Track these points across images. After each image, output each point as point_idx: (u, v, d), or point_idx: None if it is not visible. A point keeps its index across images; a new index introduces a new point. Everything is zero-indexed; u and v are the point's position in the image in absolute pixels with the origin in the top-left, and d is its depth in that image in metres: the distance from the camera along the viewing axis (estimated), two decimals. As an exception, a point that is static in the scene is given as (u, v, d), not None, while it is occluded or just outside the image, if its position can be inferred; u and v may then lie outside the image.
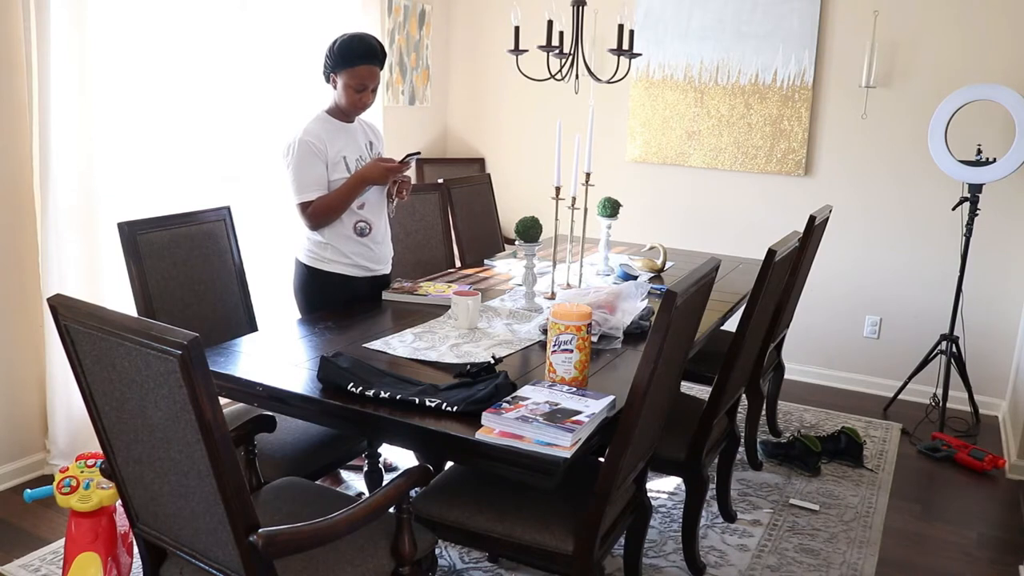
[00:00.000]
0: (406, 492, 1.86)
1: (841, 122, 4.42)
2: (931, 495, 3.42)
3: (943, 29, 4.12)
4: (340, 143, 2.79)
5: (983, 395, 4.24)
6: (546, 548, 2.02)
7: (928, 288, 4.34)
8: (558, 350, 2.09)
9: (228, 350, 2.35)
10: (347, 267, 2.87)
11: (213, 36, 3.63)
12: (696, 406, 2.85)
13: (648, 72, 4.77)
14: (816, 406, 4.29)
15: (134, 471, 1.71)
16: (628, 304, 2.62)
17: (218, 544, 1.62)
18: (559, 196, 2.93)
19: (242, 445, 2.15)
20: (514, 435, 1.81)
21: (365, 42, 2.72)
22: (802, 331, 4.51)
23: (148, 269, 2.52)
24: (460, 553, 2.78)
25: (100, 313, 1.57)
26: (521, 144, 5.24)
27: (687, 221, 4.82)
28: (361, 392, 2.00)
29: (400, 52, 4.88)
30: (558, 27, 3.33)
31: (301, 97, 3.94)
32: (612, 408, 1.99)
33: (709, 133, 4.68)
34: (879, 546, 2.96)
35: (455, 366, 2.25)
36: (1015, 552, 2.98)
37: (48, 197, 3.00)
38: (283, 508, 1.99)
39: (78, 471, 2.41)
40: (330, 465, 2.60)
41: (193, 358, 1.42)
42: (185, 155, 3.58)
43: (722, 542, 2.94)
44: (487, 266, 3.61)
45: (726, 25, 4.53)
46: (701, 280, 2.10)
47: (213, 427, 1.47)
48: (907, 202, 4.33)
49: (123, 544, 2.49)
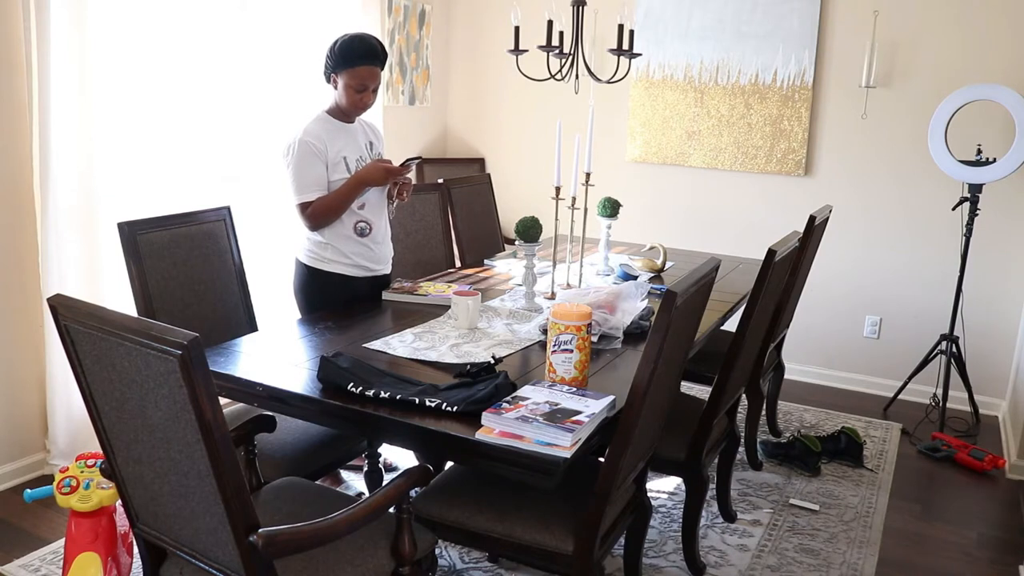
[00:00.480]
0: (406, 492, 1.86)
1: (841, 122, 4.42)
2: (931, 495, 3.42)
3: (943, 29, 4.12)
4: (340, 143, 2.79)
5: (983, 395, 4.24)
6: (546, 548, 2.02)
7: (928, 288, 4.34)
8: (558, 350, 2.09)
9: (228, 350, 2.35)
10: (347, 267, 2.87)
11: (213, 36, 3.63)
12: (696, 406, 2.85)
13: (648, 72, 4.77)
14: (816, 406, 4.29)
15: (134, 471, 1.71)
16: (628, 304, 2.62)
17: (218, 544, 1.62)
18: (559, 196, 2.93)
19: (242, 445, 2.15)
20: (514, 435, 1.81)
21: (366, 42, 2.72)
22: (802, 331, 4.51)
23: (148, 269, 2.52)
24: (460, 553, 2.78)
25: (100, 313, 1.57)
26: (521, 144, 5.24)
27: (687, 221, 4.82)
28: (361, 392, 2.00)
29: (400, 52, 4.88)
30: (558, 27, 3.33)
31: (301, 97, 3.94)
32: (612, 408, 1.99)
33: (709, 133, 4.68)
34: (879, 546, 2.96)
35: (455, 366, 2.25)
36: (1015, 552, 2.98)
37: (48, 197, 3.00)
38: (283, 508, 1.99)
39: (78, 471, 2.41)
40: (330, 465, 2.60)
41: (193, 358, 1.42)
42: (185, 155, 3.57)
43: (722, 542, 2.94)
44: (487, 266, 3.61)
45: (726, 25, 4.53)
46: (701, 280, 2.10)
47: (213, 427, 1.47)
48: (907, 202, 4.33)
49: (123, 544, 2.49)
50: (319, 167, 2.74)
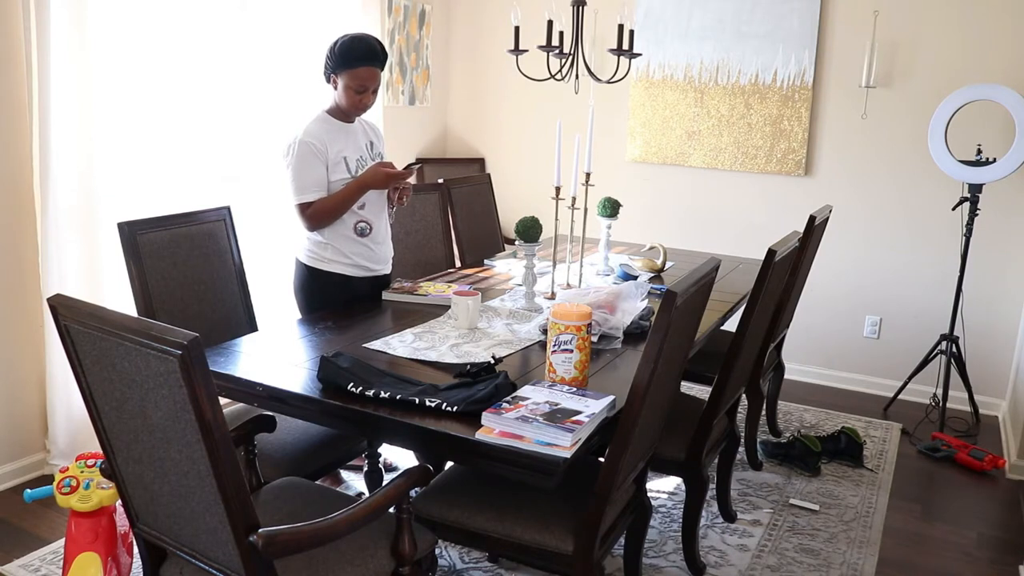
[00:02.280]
0: (406, 492, 1.86)
1: (841, 122, 4.42)
2: (931, 495, 3.42)
3: (943, 29, 4.12)
4: (340, 143, 2.79)
5: (983, 395, 4.24)
6: (546, 548, 2.02)
7: (928, 288, 4.34)
8: (558, 350, 2.09)
9: (228, 350, 2.35)
10: (347, 267, 2.87)
11: (213, 36, 3.63)
12: (696, 406, 2.85)
13: (648, 72, 4.77)
14: (816, 406, 4.29)
15: (134, 471, 1.71)
16: (628, 304, 2.62)
17: (218, 544, 1.62)
18: (559, 196, 2.93)
19: (242, 445, 2.15)
20: (514, 435, 1.81)
21: (366, 43, 2.72)
22: (802, 331, 4.51)
23: (148, 269, 2.52)
24: (460, 553, 2.78)
25: (100, 313, 1.57)
26: (521, 144, 5.24)
27: (687, 221, 4.82)
28: (361, 392, 2.00)
29: (400, 52, 4.88)
30: (558, 27, 3.33)
31: (301, 97, 3.94)
32: (612, 408, 1.99)
33: (709, 133, 4.68)
34: (879, 546, 2.96)
35: (455, 366, 2.25)
36: (1015, 552, 2.98)
37: (48, 197, 3.00)
38: (283, 508, 1.99)
39: (78, 471, 2.41)
40: (330, 465, 2.60)
41: (193, 358, 1.42)
42: (185, 155, 3.57)
43: (722, 542, 2.94)
44: (487, 266, 3.61)
45: (726, 25, 4.53)
46: (701, 280, 2.10)
47: (213, 427, 1.47)
48: (907, 202, 4.33)
49: (123, 544, 2.49)
50: (319, 168, 2.74)
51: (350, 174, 2.79)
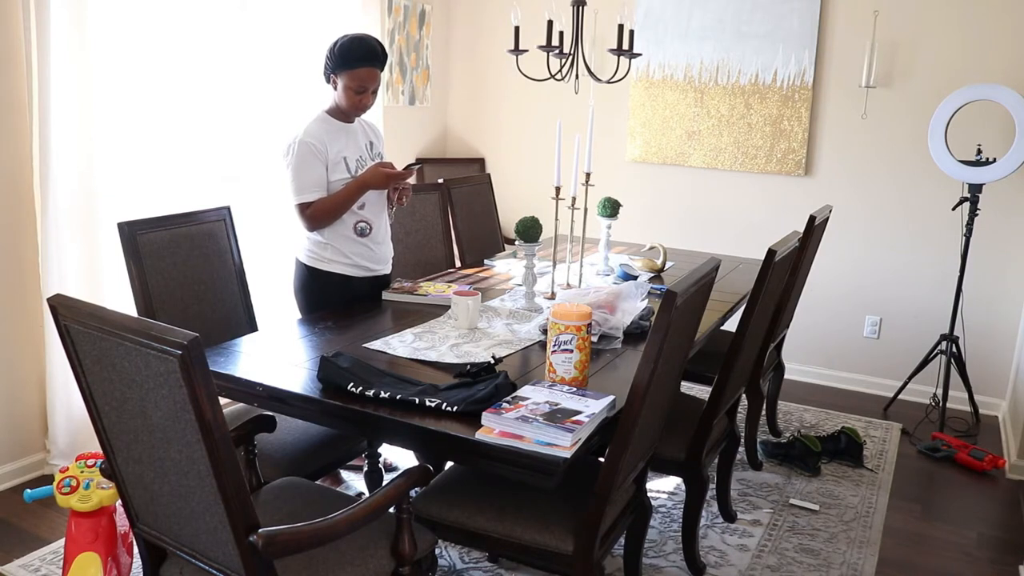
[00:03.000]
0: (406, 492, 1.86)
1: (841, 122, 4.42)
2: (931, 495, 3.42)
3: (943, 29, 4.12)
4: (340, 143, 2.79)
5: (983, 395, 4.24)
6: (546, 548, 2.02)
7: (928, 288, 4.34)
8: (558, 350, 2.09)
9: (228, 350, 2.35)
10: (347, 267, 2.87)
11: (213, 36, 3.63)
12: (696, 406, 2.85)
13: (648, 72, 4.77)
14: (816, 406, 4.29)
15: (134, 471, 1.71)
16: (628, 304, 2.62)
17: (218, 544, 1.62)
18: (559, 196, 2.93)
19: (242, 445, 2.15)
20: (514, 435, 1.81)
21: (365, 44, 2.71)
22: (802, 331, 4.51)
23: (148, 269, 2.52)
24: (460, 553, 2.78)
25: (100, 313, 1.57)
26: (521, 144, 5.24)
27: (687, 221, 4.82)
28: (361, 392, 2.00)
29: (400, 52, 4.88)
30: (558, 27, 3.33)
31: (301, 97, 3.94)
32: (612, 408, 1.99)
33: (709, 133, 4.68)
34: (879, 546, 2.96)
35: (455, 366, 2.25)
36: (1015, 552, 2.98)
37: (48, 197, 3.00)
38: (283, 508, 1.99)
39: (78, 471, 2.41)
40: (330, 465, 2.60)
41: (193, 358, 1.42)
42: (185, 155, 3.57)
43: (722, 542, 2.94)
44: (487, 266, 3.61)
45: (726, 25, 4.53)
46: (701, 280, 2.10)
47: (213, 427, 1.47)
48: (907, 202, 4.33)
49: (123, 544, 2.49)
50: (319, 168, 2.74)
51: (350, 174, 2.79)
